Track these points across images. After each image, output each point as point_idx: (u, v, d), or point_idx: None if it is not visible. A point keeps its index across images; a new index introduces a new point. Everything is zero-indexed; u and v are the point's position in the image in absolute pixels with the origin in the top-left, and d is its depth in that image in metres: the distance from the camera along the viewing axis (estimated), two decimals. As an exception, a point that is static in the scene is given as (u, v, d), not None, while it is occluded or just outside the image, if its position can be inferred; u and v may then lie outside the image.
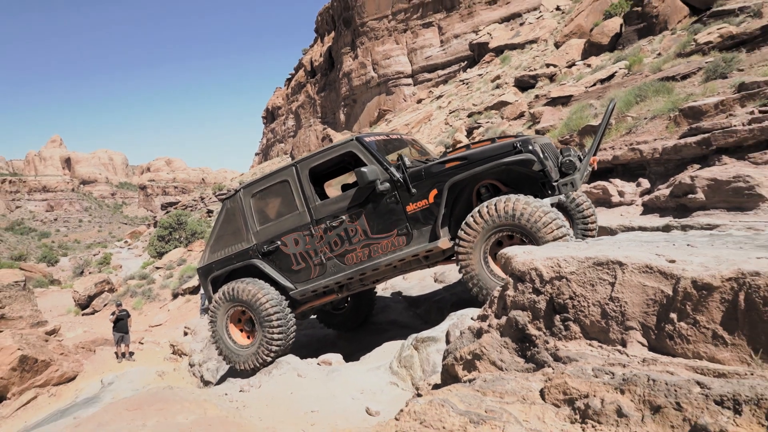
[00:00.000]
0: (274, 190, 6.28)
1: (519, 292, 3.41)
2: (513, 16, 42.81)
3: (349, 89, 58.32)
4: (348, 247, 5.78)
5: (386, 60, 53.51)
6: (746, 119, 7.89)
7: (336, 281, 5.91)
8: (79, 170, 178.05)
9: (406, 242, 5.50)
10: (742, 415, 2.04)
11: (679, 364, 2.52)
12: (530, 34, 35.08)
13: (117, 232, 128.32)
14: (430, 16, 50.67)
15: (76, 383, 12.45)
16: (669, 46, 16.37)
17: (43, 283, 40.05)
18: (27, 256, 76.54)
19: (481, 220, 4.89)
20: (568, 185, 5.03)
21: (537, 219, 4.62)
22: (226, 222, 6.59)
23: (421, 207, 5.38)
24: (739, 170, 7.39)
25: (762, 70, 9.80)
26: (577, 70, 22.03)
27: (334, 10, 65.90)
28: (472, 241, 4.98)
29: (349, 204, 5.73)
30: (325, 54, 68.30)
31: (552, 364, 3.01)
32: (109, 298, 26.73)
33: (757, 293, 2.34)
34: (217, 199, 63.78)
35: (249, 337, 6.46)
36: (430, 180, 5.32)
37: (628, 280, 2.88)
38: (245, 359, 6.27)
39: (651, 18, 19.32)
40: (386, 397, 4.94)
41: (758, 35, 11.86)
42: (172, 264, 31.44)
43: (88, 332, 18.17)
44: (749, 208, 7.12)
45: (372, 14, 54.96)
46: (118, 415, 4.25)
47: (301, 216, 6.00)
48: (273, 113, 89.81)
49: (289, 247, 6.07)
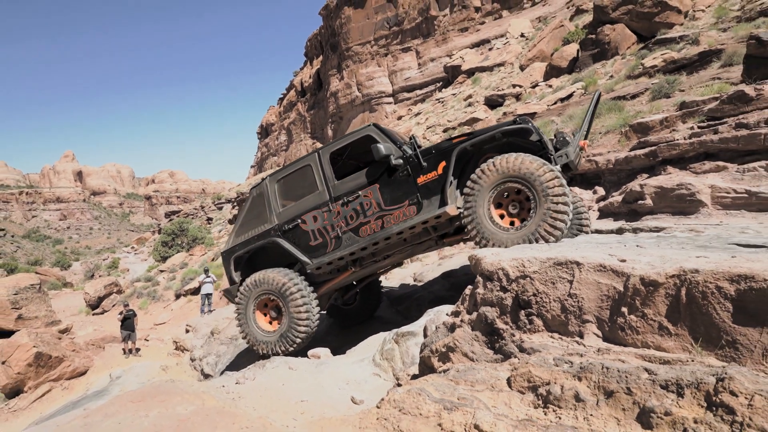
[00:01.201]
0: (298, 175, 6.24)
1: (488, 290, 3.42)
2: (483, 42, 43.15)
3: (336, 107, 58.27)
4: (362, 219, 5.72)
5: (369, 81, 53.60)
6: (687, 134, 8.02)
7: (350, 252, 5.78)
8: (90, 182, 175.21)
9: (416, 211, 5.42)
10: (684, 398, 2.06)
11: (629, 353, 2.54)
12: (498, 58, 35.36)
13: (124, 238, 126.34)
14: (409, 42, 50.92)
15: (87, 377, 12.21)
16: (620, 69, 16.62)
17: (57, 286, 39.24)
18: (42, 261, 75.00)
19: (489, 171, 4.75)
20: (562, 156, 5.00)
21: (541, 173, 4.48)
22: (251, 209, 6.52)
23: (431, 178, 5.34)
24: (682, 179, 7.51)
25: (700, 90, 9.98)
26: (540, 90, 22.24)
27: (321, 36, 65.89)
28: (477, 193, 4.82)
29: (364, 180, 5.72)
30: (314, 76, 68.18)
31: (518, 354, 3.01)
32: (117, 299, 26.23)
33: (697, 288, 2.37)
34: (216, 207, 63.19)
35: (272, 323, 6.32)
36: (439, 154, 5.32)
37: (585, 278, 2.90)
38: (273, 344, 6.12)
39: (604, 44, 19.61)
40: (369, 387, 4.91)
41: (696, 60, 12.10)
42: (174, 267, 31.01)
43: (98, 330, 17.81)
44: (691, 213, 7.23)
45: (356, 40, 55.09)
46: (123, 406, 4.16)
47: (320, 195, 5.96)
48: (267, 129, 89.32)
49: (308, 224, 6.01)
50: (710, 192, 7.26)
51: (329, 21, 61.61)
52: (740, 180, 7.14)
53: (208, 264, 24.92)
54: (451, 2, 46.85)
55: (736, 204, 7.01)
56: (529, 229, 4.51)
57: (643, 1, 18.09)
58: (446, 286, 7.66)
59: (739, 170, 7.23)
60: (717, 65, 11.53)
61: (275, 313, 6.30)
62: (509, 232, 4.67)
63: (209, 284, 16.73)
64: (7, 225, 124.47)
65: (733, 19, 14.84)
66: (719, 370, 2.07)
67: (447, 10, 47.39)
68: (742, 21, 14.00)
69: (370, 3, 53.89)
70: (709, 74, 11.22)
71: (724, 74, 10.67)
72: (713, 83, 10.22)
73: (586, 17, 26.79)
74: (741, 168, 7.21)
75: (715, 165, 7.51)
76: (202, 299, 16.59)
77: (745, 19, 13.96)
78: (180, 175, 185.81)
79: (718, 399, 1.95)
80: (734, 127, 7.46)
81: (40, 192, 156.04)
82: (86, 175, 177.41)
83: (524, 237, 4.52)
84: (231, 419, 3.78)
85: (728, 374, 1.98)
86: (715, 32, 14.32)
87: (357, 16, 54.95)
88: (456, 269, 8.30)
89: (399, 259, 6.38)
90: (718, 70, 11.19)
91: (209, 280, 16.81)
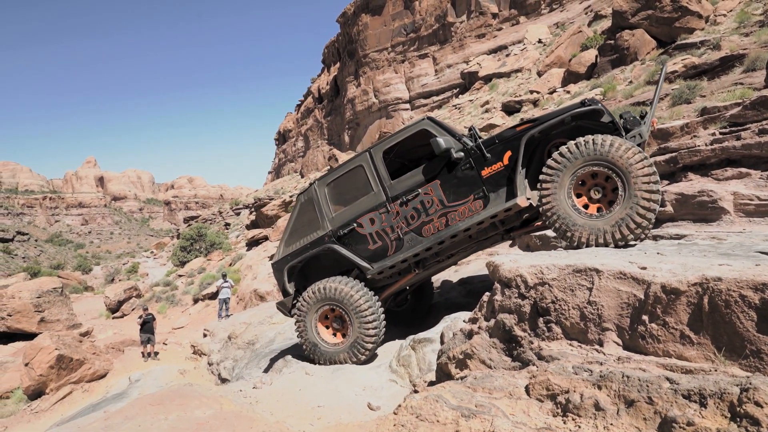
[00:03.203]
0: (349, 177, 5.93)
1: (506, 296, 3.40)
2: (500, 48, 43.08)
3: (352, 114, 58.62)
4: (425, 218, 5.42)
5: (386, 87, 53.85)
6: (708, 140, 7.90)
7: (414, 253, 5.48)
8: (111, 188, 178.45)
9: (483, 205, 5.11)
10: (707, 408, 2.03)
11: (650, 362, 2.51)
12: (515, 64, 35.26)
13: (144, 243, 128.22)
14: (426, 48, 51.07)
15: (107, 380, 12.39)
16: (639, 74, 16.45)
17: (78, 290, 39.92)
18: (64, 265, 76.49)
19: (570, 154, 4.42)
20: (635, 137, 4.70)
21: (630, 156, 4.18)
22: (300, 215, 6.22)
23: (496, 170, 5.03)
24: (703, 186, 7.39)
25: (721, 96, 9.84)
26: (557, 96, 22.10)
27: (339, 44, 66.44)
28: (558, 179, 4.48)
29: (423, 177, 5.42)
30: (331, 82, 68.71)
31: (536, 362, 2.99)
32: (136, 303, 26.63)
33: (720, 297, 2.34)
34: (233, 213, 63.76)
35: (336, 335, 6.01)
36: (504, 144, 5.02)
37: (604, 286, 2.87)
38: (338, 357, 5.81)
39: (623, 50, 19.43)
40: (386, 393, 4.90)
41: (717, 65, 11.92)
42: (193, 272, 31.34)
43: (118, 334, 18.10)
44: (712, 220, 7.11)
45: (373, 47, 55.43)
46: (142, 409, 4.22)
47: (376, 196, 5.65)
48: (284, 135, 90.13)
49: (364, 228, 5.71)
50: (733, 199, 7.13)
51: (347, 28, 62.10)
52: (764, 187, 7.00)
53: (225, 269, 25.14)
54: (469, 8, 46.89)
55: (759, 211, 6.87)
56: (618, 215, 4.20)
57: (663, 6, 17.90)
58: (463, 292, 7.63)
59: (762, 177, 7.08)
60: (739, 70, 11.34)
61: (338, 324, 5.97)
62: (593, 218, 4.34)
63: (227, 289, 16.90)
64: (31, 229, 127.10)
65: (755, 23, 14.61)
66: (743, 380, 2.03)
67: (464, 16, 47.45)
68: (765, 25, 13.78)
69: (387, 10, 54.23)
70: (731, 79, 11.04)
71: (746, 79, 10.50)
72: (735, 89, 10.06)
73: (604, 23, 26.61)
74: (765, 175, 7.07)
75: (738, 171, 7.38)
76: (219, 304, 16.76)
77: (768, 24, 13.74)
78: (198, 180, 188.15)
79: (742, 410, 1.92)
80: (757, 133, 7.32)
81: (62, 197, 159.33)
82: (107, 180, 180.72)
83: (612, 223, 4.21)
84: (248, 423, 3.81)
85: (753, 384, 1.95)
86: (737, 37, 14.11)
87: (374, 23, 55.32)
88: (473, 276, 8.27)
89: (462, 257, 6.07)
90: (740, 75, 11.01)
91: (227, 285, 16.98)
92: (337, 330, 6.00)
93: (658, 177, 4.20)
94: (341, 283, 5.75)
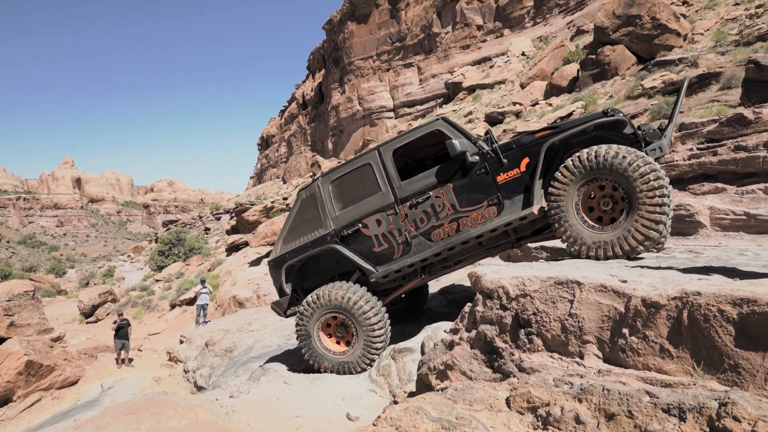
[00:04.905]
0: (355, 175, 5.69)
1: (488, 308, 3.40)
2: (484, 59, 43.57)
3: (336, 121, 58.63)
4: (435, 222, 5.22)
5: (371, 95, 54.01)
6: (686, 155, 8.07)
7: (422, 258, 5.28)
8: (89, 189, 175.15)
9: (497, 212, 4.94)
10: (687, 422, 2.03)
11: (630, 375, 2.51)
12: (499, 75, 35.67)
13: (121, 246, 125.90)
14: (411, 58, 51.42)
15: (78, 387, 12.06)
16: (620, 89, 16.77)
17: (51, 293, 38.98)
18: (37, 267, 74.68)
19: (576, 167, 4.33)
20: (656, 150, 4.56)
21: (635, 168, 4.05)
22: (301, 212, 5.95)
23: (513, 176, 4.87)
24: (681, 200, 7.53)
25: (699, 112, 10.06)
26: (540, 108, 22.39)
27: (324, 50, 66.53)
28: (564, 191, 4.40)
29: (435, 180, 5.21)
30: (316, 89, 68.67)
31: (517, 374, 2.98)
32: (111, 307, 26.05)
33: (699, 311, 2.36)
34: (214, 218, 63.11)
35: (339, 343, 5.77)
36: (521, 149, 4.86)
37: (586, 298, 2.89)
38: (344, 367, 5.60)
39: (604, 65, 19.79)
40: (365, 403, 4.85)
41: (695, 82, 12.20)
42: (170, 277, 30.85)
43: (91, 339, 17.65)
44: (690, 234, 7.24)
45: (359, 55, 55.63)
46: (114, 418, 4.11)
47: (384, 196, 5.43)
48: (267, 141, 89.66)
49: (370, 229, 5.49)
50: (709, 213, 7.28)
51: (332, 35, 62.24)
52: (739, 202, 7.16)
53: (204, 275, 24.81)
54: (454, 20, 47.39)
55: (734, 226, 7.02)
56: (623, 227, 4.13)
57: (643, 24, 18.31)
58: (444, 302, 7.62)
59: (738, 192, 7.25)
60: (716, 88, 11.63)
61: (342, 332, 5.74)
62: (597, 231, 4.28)
63: (205, 295, 16.67)
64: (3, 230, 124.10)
65: (731, 42, 15.02)
66: (722, 394, 2.05)
67: (449, 27, 47.93)
68: (741, 45, 14.17)
69: (373, 19, 54.50)
70: (708, 96, 11.31)
71: (722, 97, 10.77)
72: (712, 105, 10.30)
73: (586, 38, 27.10)
74: (740, 190, 7.24)
75: (714, 186, 7.54)
76: (197, 310, 16.52)
77: (743, 44, 14.14)
78: (179, 184, 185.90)
79: (720, 424, 1.93)
80: (733, 149, 7.50)
81: (37, 198, 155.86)
82: (85, 182, 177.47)
83: (618, 236, 4.12)
84: (224, 434, 3.73)
85: (731, 399, 1.96)
86: (714, 55, 14.48)
87: (360, 31, 55.53)
88: (454, 285, 8.27)
89: (469, 264, 5.88)
90: (716, 93, 11.29)
91: (205, 291, 16.75)
92: (340, 338, 5.79)
93: (668, 189, 4.07)
94: (348, 291, 5.51)
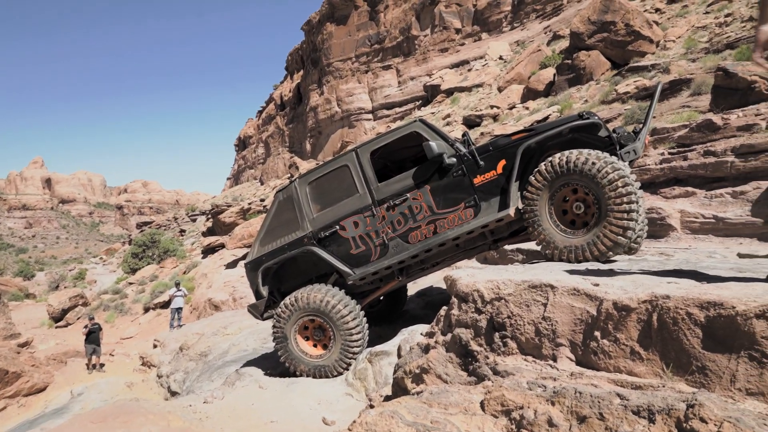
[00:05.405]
0: (333, 176, 5.67)
1: (463, 311, 3.41)
2: (462, 62, 43.92)
3: (315, 122, 58.41)
4: (412, 224, 5.22)
5: (349, 97, 53.97)
6: (658, 159, 8.25)
7: (399, 260, 5.27)
8: (59, 190, 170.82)
9: (474, 214, 4.97)
10: (656, 424, 2.07)
11: (602, 378, 2.55)
12: (477, 79, 35.98)
13: (93, 248, 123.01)
14: (389, 60, 51.55)
15: (47, 394, 11.74)
16: (594, 94, 17.08)
17: (19, 297, 37.80)
18: (4, 270, 72.28)
19: (548, 171, 4.36)
20: (630, 152, 4.60)
21: (604, 174, 4.07)
22: (278, 214, 5.90)
23: (489, 178, 4.91)
24: (652, 203, 7.70)
25: (670, 118, 10.30)
26: (517, 111, 22.66)
27: (303, 51, 66.21)
28: (538, 194, 4.44)
29: (413, 181, 5.21)
30: (294, 90, 68.29)
31: (491, 377, 3.00)
32: (82, 311, 25.45)
33: (668, 314, 2.41)
34: (189, 219, 62.21)
35: (316, 346, 5.72)
36: (498, 152, 4.89)
37: (559, 302, 2.92)
38: (321, 370, 5.56)
39: (579, 70, 20.15)
40: (341, 407, 4.83)
41: (667, 88, 12.51)
42: (144, 280, 30.29)
43: (61, 344, 17.21)
44: (661, 236, 7.41)
45: (337, 56, 55.54)
46: (83, 426, 4.01)
47: (361, 198, 5.42)
48: (245, 141, 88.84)
49: (347, 231, 5.47)
50: (680, 216, 7.46)
51: (311, 36, 61.99)
52: (708, 205, 7.35)
53: (179, 277, 24.40)
54: (433, 23, 47.67)
55: (704, 229, 7.20)
56: (592, 233, 4.17)
57: (617, 30, 18.70)
58: (421, 304, 7.64)
59: (707, 196, 7.44)
60: (686, 93, 11.94)
61: (319, 335, 5.70)
62: (569, 235, 4.32)
63: (180, 298, 16.39)
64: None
65: (701, 50, 15.44)
66: (689, 396, 2.09)
67: (428, 30, 48.19)
68: (710, 52, 14.58)
69: (352, 20, 54.48)
70: (680, 102, 11.61)
71: (693, 102, 11.05)
72: (683, 111, 10.57)
73: (562, 43, 27.53)
74: (709, 194, 7.43)
75: (685, 190, 7.73)
76: (171, 313, 16.24)
77: (713, 51, 14.55)
78: (153, 185, 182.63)
79: (688, 426, 1.97)
80: (702, 154, 7.70)
81: (4, 198, 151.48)
82: (55, 182, 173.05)
83: (588, 241, 4.16)
84: (197, 441, 3.67)
85: (698, 401, 2.00)
86: (685, 62, 14.87)
87: (339, 32, 55.45)
88: (431, 288, 8.30)
89: (447, 266, 5.91)
90: (687, 99, 11.58)
91: (180, 294, 16.47)
92: (318, 341, 5.74)
93: (636, 196, 4.10)
94: (327, 294, 5.48)
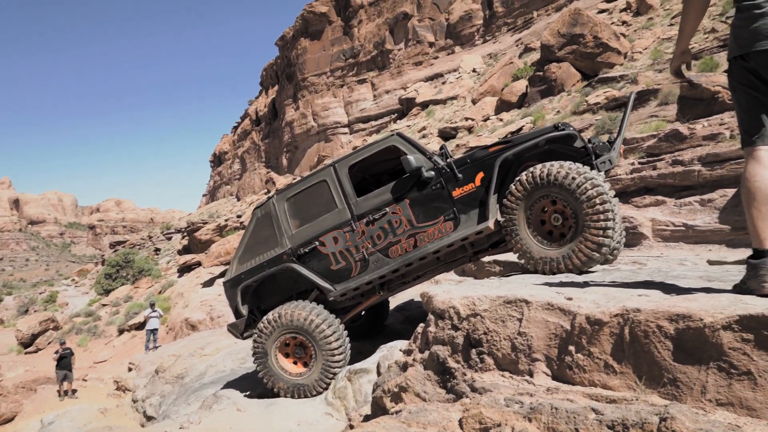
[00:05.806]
0: (311, 192, 5.65)
1: (439, 328, 3.42)
2: (436, 75, 44.48)
3: (291, 137, 58.31)
4: (392, 239, 5.21)
5: (325, 111, 54.08)
6: (629, 169, 8.44)
7: (380, 275, 5.27)
8: (28, 211, 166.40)
9: (453, 227, 4.98)
10: (630, 439, 2.09)
11: (577, 392, 2.57)
12: (451, 91, 36.44)
13: (64, 270, 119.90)
14: (364, 74, 51.92)
15: (15, 424, 11.35)
16: (566, 105, 17.45)
17: (-15, 323, 36.60)
18: (-31, 295, 69.92)
19: (532, 180, 4.39)
20: (605, 162, 4.71)
21: (584, 190, 4.13)
22: (256, 230, 5.85)
23: (468, 191, 4.95)
24: (624, 212, 7.85)
25: (639, 127, 10.57)
26: (491, 123, 22.98)
27: (278, 66, 66.23)
28: (516, 206, 4.49)
29: (391, 196, 5.22)
30: (269, 105, 68.16)
31: (469, 394, 3.00)
32: (53, 336, 24.70)
33: (639, 327, 2.44)
34: (164, 237, 61.20)
35: (297, 363, 5.64)
36: (476, 164, 4.93)
37: (533, 317, 2.94)
38: (301, 389, 5.47)
39: (551, 81, 20.58)
40: (321, 428, 4.77)
41: (636, 98, 12.84)
42: (118, 301, 29.60)
43: (30, 371, 16.66)
44: (633, 245, 7.55)
45: (312, 71, 55.71)
46: (52, 461, 3.87)
47: (340, 213, 5.41)
48: (220, 157, 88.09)
49: (327, 247, 5.43)
50: (651, 225, 7.62)
51: (286, 51, 62.10)
52: (678, 214, 7.53)
53: (154, 297, 23.92)
54: (406, 37, 48.25)
55: (674, 236, 7.37)
56: (568, 246, 4.24)
57: (586, 42, 19.18)
58: (400, 319, 7.63)
59: (676, 204, 7.63)
60: (654, 104, 12.28)
61: (300, 353, 5.62)
62: (545, 247, 4.37)
63: (155, 319, 16.06)
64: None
65: (667, 61, 15.92)
66: (662, 409, 2.12)
67: (402, 44, 48.76)
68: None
69: (326, 35, 54.82)
70: (648, 112, 11.93)
71: (661, 112, 11.37)
72: (651, 121, 10.85)
73: (534, 55, 28.10)
74: (678, 202, 7.62)
75: (655, 199, 7.91)
76: (147, 335, 15.89)
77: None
78: (127, 203, 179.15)
79: (661, 438, 1.99)
80: (671, 163, 7.90)
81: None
82: (24, 203, 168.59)
83: (563, 254, 4.23)
84: (172, 471, 3.57)
85: (670, 414, 2.03)
86: (652, 73, 15.31)
87: (313, 47, 55.70)
88: (409, 302, 8.30)
89: (428, 279, 5.90)
90: (655, 108, 11.91)
91: (155, 315, 16.14)
92: (298, 358, 5.66)
93: (613, 213, 4.14)
94: (312, 313, 5.41)
